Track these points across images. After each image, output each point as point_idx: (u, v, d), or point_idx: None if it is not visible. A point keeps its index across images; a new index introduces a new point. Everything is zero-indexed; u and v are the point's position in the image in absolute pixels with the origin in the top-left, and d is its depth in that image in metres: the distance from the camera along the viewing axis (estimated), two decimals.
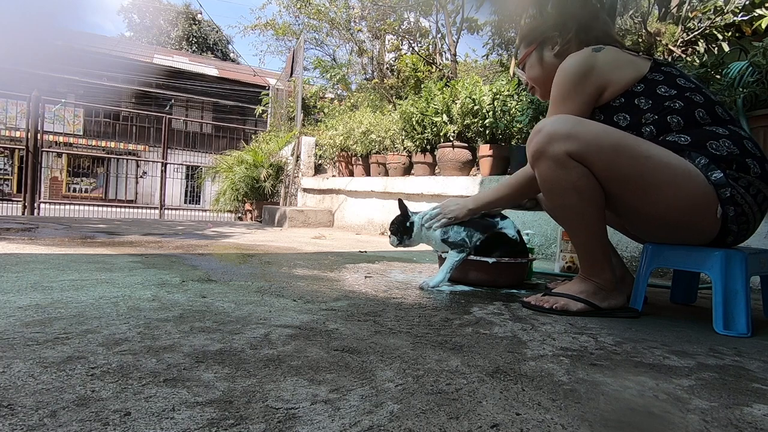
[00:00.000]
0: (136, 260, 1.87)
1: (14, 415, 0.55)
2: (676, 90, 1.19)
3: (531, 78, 1.47)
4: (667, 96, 1.19)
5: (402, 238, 1.73)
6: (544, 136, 1.19)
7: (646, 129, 1.20)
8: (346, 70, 7.68)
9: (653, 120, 1.19)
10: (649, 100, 1.20)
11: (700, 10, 3.44)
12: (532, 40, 1.43)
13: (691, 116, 1.17)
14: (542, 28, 1.43)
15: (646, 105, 1.20)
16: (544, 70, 1.42)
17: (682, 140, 1.15)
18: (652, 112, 1.19)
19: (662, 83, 1.20)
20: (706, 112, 1.17)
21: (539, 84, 1.46)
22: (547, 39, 1.40)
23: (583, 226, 1.24)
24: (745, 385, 0.79)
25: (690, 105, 1.17)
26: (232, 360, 0.77)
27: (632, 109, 1.21)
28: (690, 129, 1.16)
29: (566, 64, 1.26)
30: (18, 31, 12.93)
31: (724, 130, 1.15)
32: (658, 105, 1.18)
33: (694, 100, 1.18)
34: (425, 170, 3.89)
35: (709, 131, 1.15)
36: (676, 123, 1.17)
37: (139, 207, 11.69)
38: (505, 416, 0.62)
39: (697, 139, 1.14)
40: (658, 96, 1.19)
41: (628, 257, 2.31)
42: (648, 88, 1.20)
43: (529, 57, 1.45)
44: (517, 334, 1.03)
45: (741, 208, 1.12)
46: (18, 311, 1.00)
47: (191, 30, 27.36)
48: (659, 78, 1.21)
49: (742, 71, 2.15)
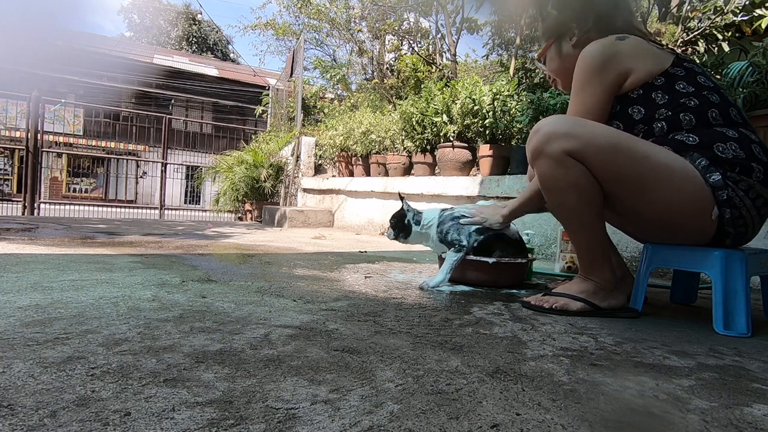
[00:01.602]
0: (136, 260, 1.87)
1: (14, 415, 0.55)
2: (695, 87, 1.18)
3: (551, 70, 1.48)
4: (685, 93, 1.18)
5: (398, 235, 1.74)
6: (543, 135, 1.20)
7: (657, 125, 1.19)
8: (346, 70, 7.68)
9: (666, 116, 1.18)
10: (666, 95, 1.19)
11: (700, 10, 3.44)
12: (551, 34, 1.44)
13: (703, 116, 1.16)
14: (560, 20, 1.43)
15: (662, 100, 1.19)
16: (563, 62, 1.42)
17: (690, 140, 1.15)
18: (666, 107, 1.18)
19: (682, 79, 1.20)
20: (719, 112, 1.16)
21: (560, 76, 1.47)
22: (565, 31, 1.40)
23: (582, 225, 1.24)
24: (745, 385, 0.79)
25: (705, 104, 1.17)
26: (232, 360, 0.77)
27: (648, 102, 1.21)
28: (700, 129, 1.16)
29: (588, 50, 1.25)
30: (18, 31, 12.93)
31: (734, 132, 1.14)
32: (674, 101, 1.18)
33: (710, 100, 1.17)
34: (425, 170, 3.89)
35: (718, 132, 1.14)
36: (688, 121, 1.16)
37: (139, 207, 11.69)
38: (505, 416, 0.62)
39: (705, 140, 1.14)
40: (676, 92, 1.19)
41: (628, 257, 2.31)
42: (667, 82, 1.20)
43: (549, 50, 1.45)
44: (517, 334, 1.03)
45: (738, 211, 1.12)
46: (18, 311, 1.00)
47: (191, 30, 27.37)
48: (680, 73, 1.20)
49: (742, 71, 2.16)
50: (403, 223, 1.73)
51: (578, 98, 1.26)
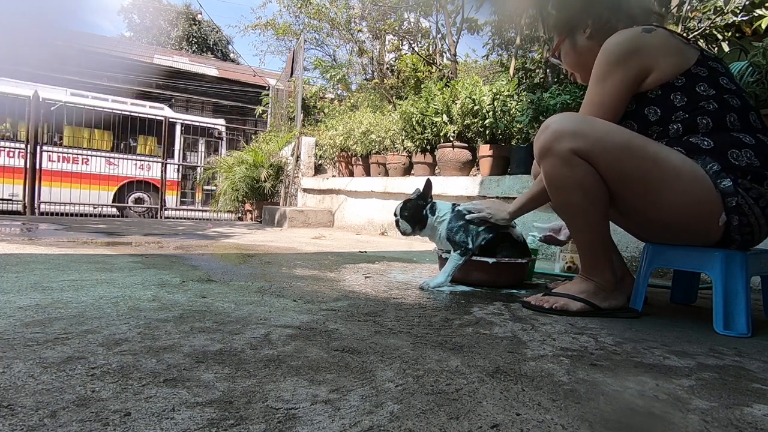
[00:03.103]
0: (136, 260, 1.87)
1: (14, 415, 0.55)
2: (716, 90, 1.15)
3: (568, 65, 1.45)
4: (705, 96, 1.15)
5: (414, 227, 1.64)
6: (551, 133, 1.19)
7: (673, 126, 1.17)
8: (346, 71, 7.67)
9: (683, 118, 1.16)
10: (685, 97, 1.16)
11: (700, 10, 3.44)
12: (561, 30, 1.42)
13: (722, 120, 1.13)
14: (569, 15, 1.41)
15: (680, 102, 1.16)
16: (579, 55, 1.39)
17: (705, 144, 1.13)
18: (684, 110, 1.16)
19: (704, 80, 1.16)
20: (738, 117, 1.14)
21: (578, 70, 1.44)
22: (577, 24, 1.37)
23: (586, 224, 1.23)
24: (745, 385, 0.79)
25: (724, 108, 1.14)
26: (232, 360, 0.77)
27: (666, 104, 1.18)
28: (716, 133, 1.13)
29: (611, 41, 1.21)
30: (18, 31, 12.94)
31: (752, 138, 1.12)
32: (693, 104, 1.15)
33: (730, 104, 1.14)
34: (425, 170, 3.88)
35: (735, 138, 1.12)
36: (705, 125, 1.14)
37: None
38: (505, 416, 0.62)
39: (720, 145, 1.12)
40: (696, 94, 1.15)
41: (628, 257, 2.31)
42: (688, 83, 1.16)
43: (563, 45, 1.43)
44: (518, 335, 1.03)
45: (747, 219, 1.10)
46: (18, 311, 1.00)
47: (191, 30, 27.35)
48: (703, 74, 1.17)
49: (742, 71, 2.15)
50: (421, 214, 1.64)
51: (595, 90, 1.23)
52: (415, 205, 1.67)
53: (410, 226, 1.65)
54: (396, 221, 1.69)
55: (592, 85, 1.24)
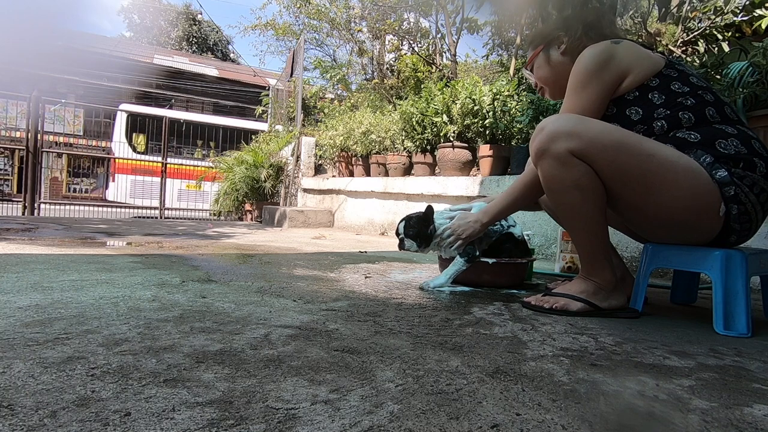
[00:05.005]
0: (136, 260, 1.87)
1: (14, 415, 0.55)
2: (689, 87, 1.20)
3: (540, 78, 1.47)
4: (680, 92, 1.20)
5: (420, 245, 1.61)
6: (547, 134, 1.19)
7: (657, 123, 1.20)
8: (346, 71, 7.67)
9: (665, 115, 1.19)
10: (663, 95, 1.20)
11: (700, 10, 3.44)
12: (538, 42, 1.45)
13: (702, 114, 1.17)
14: (547, 29, 1.45)
15: (659, 100, 1.21)
16: (552, 69, 1.43)
17: (692, 137, 1.16)
18: (664, 107, 1.20)
19: (676, 80, 1.21)
20: (716, 110, 1.18)
21: (548, 84, 1.47)
22: (553, 39, 1.41)
23: (584, 225, 1.24)
24: (745, 386, 0.79)
25: (702, 103, 1.18)
26: (232, 360, 0.77)
27: (645, 103, 1.22)
28: (700, 126, 1.17)
29: (586, 53, 1.26)
30: (18, 32, 12.94)
31: (733, 129, 1.16)
32: (671, 101, 1.19)
33: (706, 99, 1.19)
34: (425, 170, 3.88)
35: (718, 129, 1.16)
36: (687, 119, 1.18)
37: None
38: (505, 416, 0.62)
39: (706, 137, 1.15)
40: (672, 92, 1.20)
41: (628, 257, 2.31)
42: (662, 83, 1.21)
43: (537, 58, 1.46)
44: (518, 335, 1.03)
45: (744, 207, 1.12)
46: (18, 311, 1.00)
47: (191, 30, 27.35)
48: (673, 74, 1.22)
49: (742, 71, 2.16)
50: (425, 232, 1.59)
51: (573, 100, 1.27)
52: (418, 222, 1.63)
53: (416, 244, 1.62)
54: (400, 240, 1.64)
55: (570, 94, 1.28)
